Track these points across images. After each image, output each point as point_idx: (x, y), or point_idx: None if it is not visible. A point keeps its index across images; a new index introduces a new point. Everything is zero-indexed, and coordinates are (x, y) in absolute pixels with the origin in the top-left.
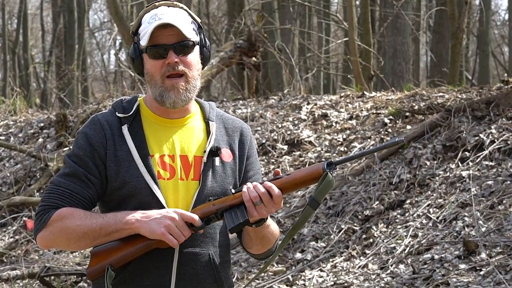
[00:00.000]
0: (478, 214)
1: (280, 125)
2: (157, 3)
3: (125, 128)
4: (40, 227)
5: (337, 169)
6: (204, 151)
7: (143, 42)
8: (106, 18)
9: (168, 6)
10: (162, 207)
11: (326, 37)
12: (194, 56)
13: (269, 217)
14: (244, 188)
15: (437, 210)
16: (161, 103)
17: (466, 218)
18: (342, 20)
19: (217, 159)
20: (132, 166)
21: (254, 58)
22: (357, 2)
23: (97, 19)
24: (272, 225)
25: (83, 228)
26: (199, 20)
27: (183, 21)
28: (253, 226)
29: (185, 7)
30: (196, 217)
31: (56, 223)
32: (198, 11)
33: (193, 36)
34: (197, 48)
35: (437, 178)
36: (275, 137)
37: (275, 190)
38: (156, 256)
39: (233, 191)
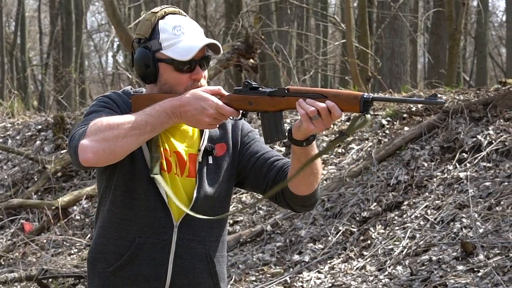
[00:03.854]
0: (476, 215)
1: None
2: (166, 9)
3: None
4: (80, 137)
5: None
6: (199, 150)
7: (179, 56)
8: (104, 20)
9: (175, 14)
10: (161, 197)
11: (324, 39)
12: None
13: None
14: (297, 106)
15: (435, 211)
16: None
17: (463, 220)
18: (339, 22)
19: (210, 157)
20: (138, 150)
21: (251, 60)
22: (355, 4)
23: (94, 21)
24: (317, 151)
25: (128, 121)
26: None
27: (203, 34)
28: (303, 144)
29: (187, 16)
30: (234, 111)
31: (98, 124)
32: (196, 13)
33: (213, 41)
34: None
35: (434, 179)
36: None
37: (338, 110)
38: (153, 247)
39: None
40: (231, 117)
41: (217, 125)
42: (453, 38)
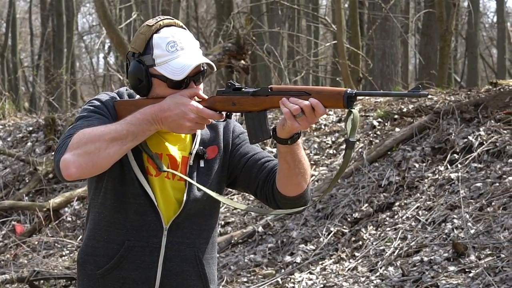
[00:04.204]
0: (467, 216)
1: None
2: (161, 22)
3: None
4: (63, 151)
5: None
6: (190, 153)
7: (172, 75)
8: (95, 22)
9: (171, 26)
10: (151, 200)
11: (315, 40)
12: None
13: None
14: (280, 104)
15: (426, 212)
16: None
17: (455, 220)
18: (330, 23)
19: (202, 161)
20: (125, 156)
21: (243, 61)
22: (346, 5)
23: (85, 23)
24: (303, 150)
25: (109, 132)
26: (193, 36)
27: (198, 49)
28: (288, 143)
29: (183, 26)
30: (215, 114)
31: (80, 136)
32: (187, 14)
33: (206, 60)
34: None
35: (426, 180)
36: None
37: (321, 107)
38: (143, 250)
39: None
40: (215, 120)
41: (198, 130)
42: (444, 39)
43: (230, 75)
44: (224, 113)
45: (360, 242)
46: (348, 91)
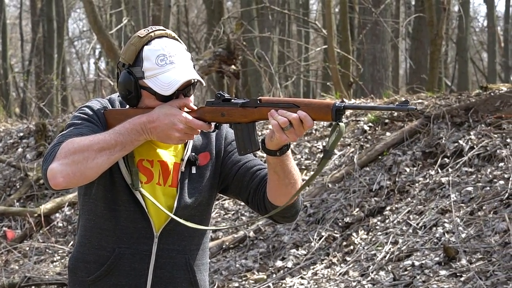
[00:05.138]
0: (458, 220)
1: (259, 133)
2: (152, 33)
3: None
4: (51, 160)
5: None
6: (182, 160)
7: (160, 90)
8: (86, 27)
9: (162, 37)
10: (141, 207)
11: (306, 45)
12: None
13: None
14: (269, 116)
15: (417, 216)
16: None
17: (446, 225)
18: (321, 28)
19: (193, 167)
20: (116, 163)
21: (233, 66)
22: (336, 10)
23: (76, 28)
24: (293, 160)
25: (98, 142)
26: (185, 46)
27: (189, 62)
28: (277, 154)
29: (176, 36)
30: (204, 124)
31: (68, 145)
32: (177, 19)
33: (196, 75)
34: None
35: (416, 184)
36: None
37: (309, 120)
38: (133, 258)
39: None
40: (205, 131)
41: (187, 141)
42: (435, 43)
43: (220, 80)
44: (213, 124)
45: (352, 247)
46: (337, 104)
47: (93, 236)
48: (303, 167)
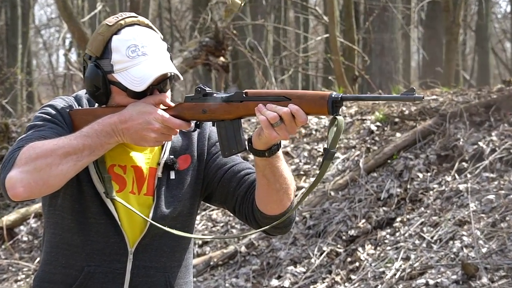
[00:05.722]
0: (478, 233)
1: (246, 131)
2: (122, 21)
3: None
4: (9, 167)
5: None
6: (159, 164)
7: (131, 85)
8: (54, 14)
9: (134, 25)
10: (113, 219)
11: (304, 34)
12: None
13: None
14: (256, 111)
15: (432, 229)
16: None
17: (464, 238)
18: (322, 14)
19: (172, 172)
20: (85, 170)
21: (222, 58)
22: None
23: (43, 15)
24: (284, 162)
25: (63, 146)
26: (161, 35)
27: (165, 53)
28: (266, 155)
29: (150, 24)
30: (183, 123)
31: (29, 150)
32: (159, 5)
33: (173, 68)
34: None
35: (431, 192)
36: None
37: (302, 114)
38: (105, 277)
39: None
40: (185, 130)
41: (164, 142)
42: (451, 31)
43: (208, 74)
44: (193, 122)
45: (357, 263)
46: (333, 95)
47: (60, 253)
48: (301, 172)
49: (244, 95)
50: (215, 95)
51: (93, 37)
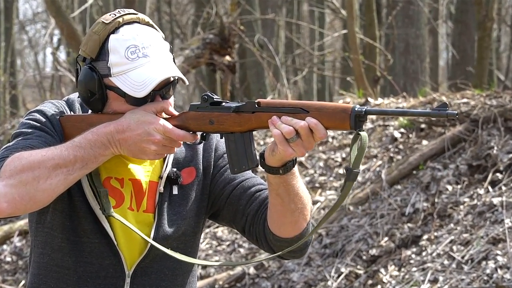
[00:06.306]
0: None
1: (262, 142)
2: (120, 18)
3: None
4: None
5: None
6: (160, 177)
7: (131, 90)
8: (40, 8)
9: (133, 23)
10: (109, 239)
11: (320, 30)
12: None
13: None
14: (270, 124)
15: (462, 247)
16: None
17: (498, 258)
18: (339, 8)
19: (175, 187)
20: (77, 183)
21: (228, 57)
22: None
23: (28, 9)
24: (300, 180)
25: (53, 157)
26: (163, 35)
27: (168, 54)
28: (280, 172)
29: (150, 21)
30: (187, 134)
31: (15, 162)
32: None
33: (177, 71)
34: None
35: (461, 207)
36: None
37: (321, 129)
38: None
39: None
40: (189, 142)
41: (166, 155)
42: (483, 27)
43: (212, 75)
44: (198, 133)
45: (379, 286)
46: (356, 108)
47: (49, 275)
48: (317, 185)
49: (256, 105)
50: (224, 104)
51: (88, 37)
